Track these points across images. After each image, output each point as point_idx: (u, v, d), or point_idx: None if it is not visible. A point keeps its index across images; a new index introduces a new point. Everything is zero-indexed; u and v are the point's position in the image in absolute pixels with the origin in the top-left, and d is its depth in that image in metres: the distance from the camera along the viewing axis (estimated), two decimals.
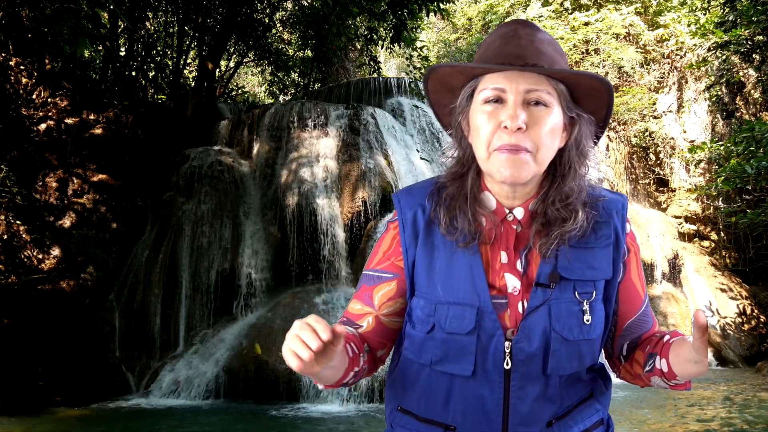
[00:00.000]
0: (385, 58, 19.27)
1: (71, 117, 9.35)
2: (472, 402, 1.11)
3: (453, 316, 1.11)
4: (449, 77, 1.18)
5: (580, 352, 1.11)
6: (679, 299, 10.91)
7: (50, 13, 7.01)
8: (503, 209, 1.16)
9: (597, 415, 1.18)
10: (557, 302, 1.10)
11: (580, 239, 1.13)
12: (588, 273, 1.12)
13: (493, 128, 1.09)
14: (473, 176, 1.18)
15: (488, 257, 1.14)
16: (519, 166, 1.07)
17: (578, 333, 1.10)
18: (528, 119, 1.07)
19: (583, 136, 1.15)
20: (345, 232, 8.59)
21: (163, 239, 8.62)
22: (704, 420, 5.98)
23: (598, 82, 1.12)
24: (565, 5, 14.95)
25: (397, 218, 1.23)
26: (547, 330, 1.09)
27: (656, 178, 13.37)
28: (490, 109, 1.10)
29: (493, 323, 1.10)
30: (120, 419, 6.38)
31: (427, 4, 10.54)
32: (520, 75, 1.09)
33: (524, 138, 1.07)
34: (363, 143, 9.27)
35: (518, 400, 1.10)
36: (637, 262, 1.23)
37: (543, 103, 1.09)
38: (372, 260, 1.24)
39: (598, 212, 1.16)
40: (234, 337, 7.78)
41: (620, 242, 1.16)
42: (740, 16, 9.42)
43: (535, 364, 1.09)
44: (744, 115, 12.52)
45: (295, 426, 5.96)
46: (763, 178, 8.21)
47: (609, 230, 1.16)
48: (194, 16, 12.43)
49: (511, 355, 1.09)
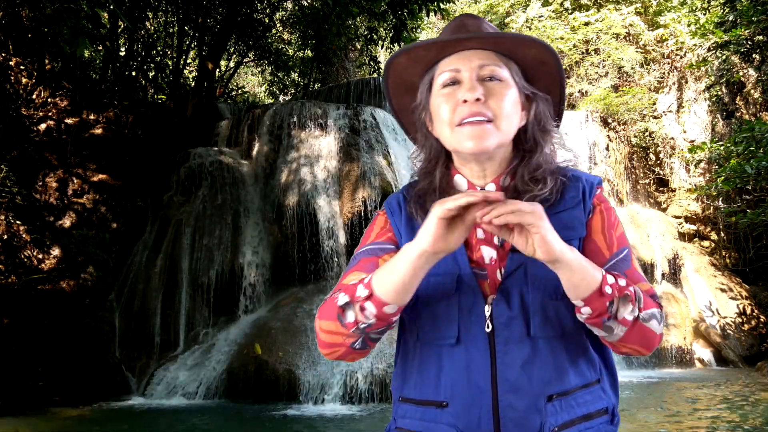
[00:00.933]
0: (385, 58, 19.27)
1: (71, 117, 9.35)
2: (460, 373, 1.11)
3: (434, 284, 1.14)
4: (405, 72, 1.23)
5: (562, 313, 1.10)
6: (679, 299, 10.91)
7: (50, 13, 7.01)
8: (475, 188, 1.19)
9: (602, 402, 1.15)
10: (533, 264, 1.09)
11: (550, 206, 1.14)
12: (562, 233, 1.09)
13: (453, 106, 1.13)
14: (442, 170, 1.21)
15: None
16: (482, 134, 1.11)
17: (556, 292, 1.09)
18: (485, 92, 1.12)
19: (542, 113, 1.20)
20: (345, 232, 8.58)
21: (163, 239, 8.62)
22: (704, 420, 5.98)
23: (543, 50, 1.17)
24: (565, 5, 14.95)
25: (384, 208, 1.28)
26: (525, 291, 1.10)
27: (656, 178, 13.37)
28: (448, 91, 1.15)
29: (472, 289, 1.12)
30: (120, 419, 6.39)
31: (427, 4, 10.54)
32: (473, 53, 1.15)
33: (483, 107, 1.11)
34: (363, 143, 9.26)
35: (505, 366, 1.08)
36: (604, 220, 1.19)
37: (497, 77, 1.14)
38: (367, 239, 1.26)
39: (566, 179, 1.20)
40: (234, 337, 7.78)
41: (587, 201, 1.19)
42: (740, 16, 9.42)
43: (517, 326, 1.09)
44: (744, 115, 12.52)
45: (295, 426, 5.96)
46: (763, 178, 8.22)
47: (576, 192, 1.19)
48: (194, 16, 12.43)
49: (491, 319, 1.10)
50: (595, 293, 1.04)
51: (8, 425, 5.82)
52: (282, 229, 8.68)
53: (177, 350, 7.94)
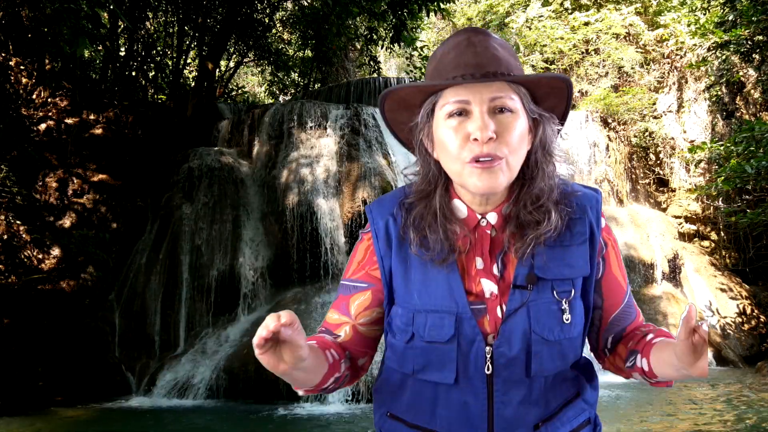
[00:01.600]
0: (385, 58, 19.27)
1: (71, 117, 9.35)
2: (457, 409, 1.11)
3: (432, 325, 1.10)
4: (407, 96, 1.16)
5: (563, 352, 1.10)
6: (679, 299, 10.91)
7: (50, 13, 7.01)
8: (475, 216, 1.15)
9: (584, 414, 1.16)
10: (536, 303, 1.09)
11: (555, 238, 1.12)
12: (565, 271, 1.11)
13: (461, 141, 1.07)
14: (441, 193, 1.16)
15: (464, 264, 1.14)
16: (494, 177, 1.06)
17: (559, 333, 1.09)
18: (497, 127, 1.06)
19: (548, 135, 1.15)
20: (345, 232, 8.59)
21: (163, 239, 8.62)
22: (704, 420, 5.98)
23: (559, 82, 1.13)
24: (565, 5, 14.95)
25: (370, 229, 1.21)
26: (527, 332, 1.08)
27: (656, 178, 13.37)
28: (455, 123, 1.08)
29: (472, 329, 1.09)
30: (120, 419, 6.39)
31: (427, 4, 10.54)
32: (482, 84, 1.07)
33: (496, 146, 1.06)
34: (363, 143, 9.26)
35: (502, 405, 1.09)
36: (616, 255, 1.21)
37: (508, 109, 1.08)
38: (348, 270, 1.24)
39: (572, 209, 1.15)
40: (234, 337, 7.78)
41: (595, 238, 1.15)
42: (740, 16, 9.42)
43: (517, 367, 1.08)
44: (744, 115, 12.52)
45: (295, 426, 5.96)
46: (763, 178, 8.21)
47: (584, 227, 1.15)
48: (194, 16, 12.43)
49: (492, 360, 1.08)
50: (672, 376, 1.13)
51: (8, 425, 5.82)
52: (282, 229, 8.68)
53: (177, 350, 7.94)
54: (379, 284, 1.19)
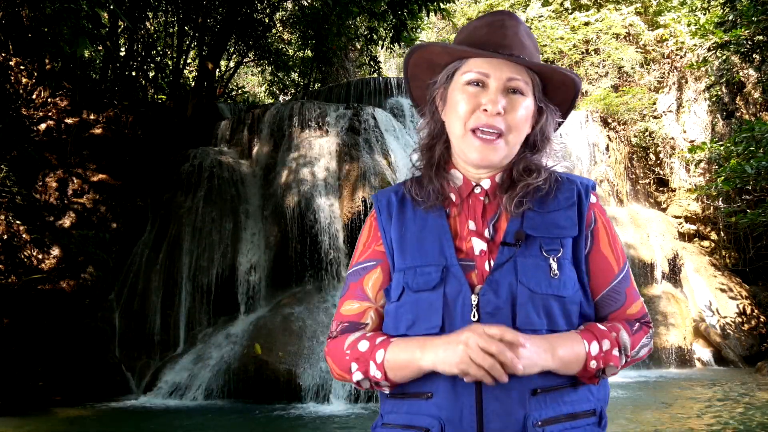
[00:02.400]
0: (385, 58, 19.28)
1: (71, 117, 9.35)
2: None
3: (419, 274, 1.14)
4: (435, 55, 1.25)
5: (549, 308, 1.09)
6: (679, 299, 10.91)
7: (50, 13, 7.01)
8: (470, 182, 1.23)
9: (589, 403, 1.13)
10: (523, 257, 1.12)
11: (543, 204, 1.18)
12: (553, 231, 1.15)
13: (472, 108, 1.17)
14: (441, 148, 1.26)
15: (456, 226, 1.20)
16: (492, 152, 1.17)
17: (546, 286, 1.10)
18: (506, 105, 1.16)
19: (548, 124, 1.25)
20: (345, 232, 8.58)
21: (163, 239, 8.62)
22: (704, 420, 5.98)
23: (570, 79, 1.22)
24: (565, 5, 14.95)
25: (374, 208, 1.29)
26: (513, 283, 1.10)
27: (656, 178, 13.37)
28: (471, 90, 1.18)
29: (458, 279, 1.12)
30: (120, 419, 6.39)
31: (427, 4, 10.53)
32: (504, 63, 1.18)
33: (500, 121, 1.16)
34: (363, 143, 9.26)
35: None
36: (608, 233, 1.21)
37: (520, 91, 1.18)
38: (354, 257, 1.28)
39: (561, 180, 1.22)
40: (234, 337, 7.78)
41: (583, 205, 1.19)
42: (740, 16, 9.42)
43: (503, 316, 1.08)
44: (744, 115, 12.52)
45: (295, 426, 5.96)
46: (763, 178, 8.22)
47: (571, 193, 1.20)
48: (194, 16, 12.43)
49: (478, 308, 1.09)
50: (581, 371, 1.10)
51: (8, 425, 5.82)
52: (282, 229, 8.68)
53: (177, 350, 7.94)
54: (386, 258, 1.23)
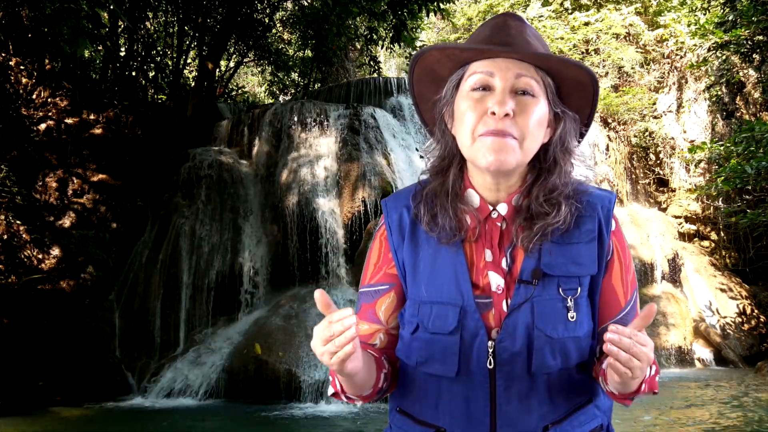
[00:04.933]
0: (385, 58, 19.27)
1: (71, 117, 9.35)
2: (459, 404, 1.10)
3: (436, 316, 1.10)
4: (436, 64, 1.16)
5: (566, 350, 1.08)
6: (679, 299, 10.91)
7: (50, 13, 7.01)
8: (487, 206, 1.14)
9: (596, 420, 1.14)
10: (540, 299, 1.07)
11: (563, 234, 1.11)
12: (572, 269, 1.09)
13: (479, 114, 1.08)
14: (455, 172, 1.17)
15: (472, 256, 1.13)
16: (504, 150, 1.06)
17: (563, 330, 1.07)
18: (516, 107, 1.07)
19: (568, 133, 1.15)
20: (345, 232, 8.58)
21: (163, 239, 8.62)
22: (704, 420, 5.98)
23: (585, 74, 1.12)
24: (565, 5, 14.95)
25: (383, 223, 1.22)
26: (530, 328, 1.06)
27: (656, 178, 13.37)
28: (477, 96, 1.09)
29: (476, 323, 1.08)
30: (120, 419, 6.39)
31: (427, 4, 10.53)
32: (510, 61, 1.09)
33: (511, 124, 1.06)
34: (363, 143, 9.26)
35: (504, 401, 1.07)
36: (621, 265, 1.16)
37: (530, 92, 1.08)
38: (365, 276, 1.23)
39: (582, 206, 1.13)
40: (234, 337, 7.78)
41: (604, 238, 1.13)
42: (740, 16, 9.42)
43: (519, 363, 1.06)
44: (744, 115, 12.52)
45: (295, 426, 5.96)
46: (763, 178, 8.21)
47: (593, 225, 1.13)
48: (194, 16, 12.43)
49: (494, 355, 1.07)
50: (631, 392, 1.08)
51: (8, 425, 5.82)
52: (282, 229, 8.68)
53: (177, 350, 7.93)
54: (398, 281, 1.19)
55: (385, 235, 1.21)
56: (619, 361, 0.95)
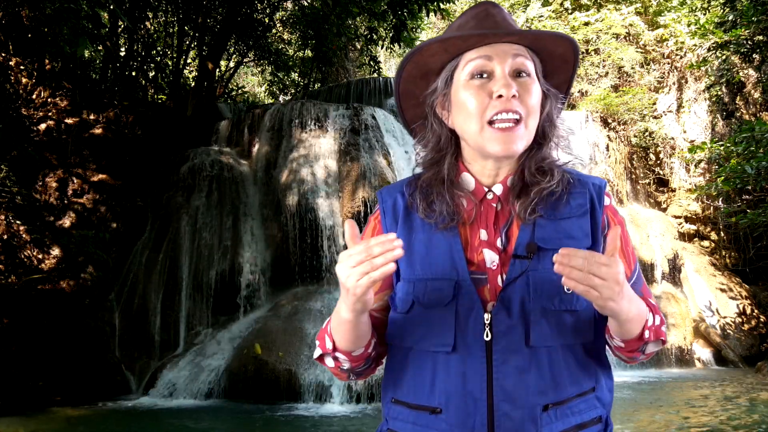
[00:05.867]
0: (385, 58, 19.27)
1: (71, 117, 9.35)
2: (455, 380, 1.08)
3: (431, 290, 1.11)
4: (431, 58, 1.18)
5: (563, 323, 1.08)
6: (679, 299, 10.91)
7: (50, 13, 7.01)
8: (482, 188, 1.17)
9: (596, 411, 1.13)
10: (535, 272, 1.08)
11: (555, 210, 1.13)
12: (566, 242, 1.10)
13: (484, 100, 1.11)
14: (450, 161, 1.19)
15: (467, 236, 1.15)
16: (513, 141, 1.10)
17: (558, 302, 1.07)
18: (518, 88, 1.10)
19: (554, 109, 1.20)
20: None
21: (163, 239, 8.62)
22: (704, 420, 5.98)
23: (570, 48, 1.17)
24: (565, 5, 14.95)
25: (378, 208, 1.24)
26: (526, 300, 1.07)
27: (656, 178, 13.37)
28: (477, 83, 1.12)
29: (471, 295, 1.08)
30: (120, 419, 6.38)
31: (427, 4, 10.53)
32: (507, 46, 1.12)
33: (517, 104, 1.10)
34: (363, 143, 9.26)
35: (502, 375, 1.05)
36: (622, 237, 1.16)
37: (527, 72, 1.13)
38: None
39: (573, 182, 1.17)
40: (234, 337, 7.78)
41: (596, 212, 1.14)
42: (740, 16, 9.42)
43: (516, 335, 1.06)
44: (744, 115, 12.52)
45: (295, 426, 5.96)
46: (763, 178, 8.21)
47: (584, 199, 1.15)
48: (194, 16, 12.43)
49: (491, 327, 1.07)
50: (636, 337, 1.07)
51: (8, 425, 5.82)
52: (282, 229, 8.68)
53: (177, 350, 7.94)
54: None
55: (379, 218, 1.23)
56: (573, 278, 0.94)
